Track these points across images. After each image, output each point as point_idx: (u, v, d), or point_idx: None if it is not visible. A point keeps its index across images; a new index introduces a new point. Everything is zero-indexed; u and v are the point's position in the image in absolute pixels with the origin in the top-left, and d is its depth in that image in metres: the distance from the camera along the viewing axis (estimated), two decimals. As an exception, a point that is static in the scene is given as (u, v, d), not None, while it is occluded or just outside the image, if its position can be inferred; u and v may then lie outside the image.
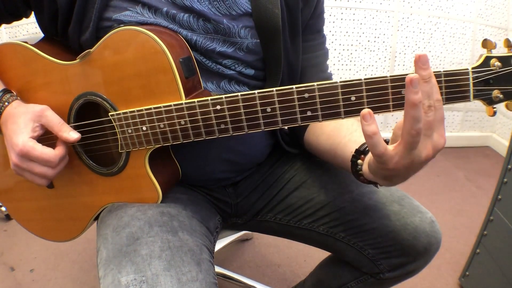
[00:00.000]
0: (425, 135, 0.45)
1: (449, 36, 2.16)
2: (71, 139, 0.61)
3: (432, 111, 0.44)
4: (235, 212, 0.82)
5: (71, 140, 0.61)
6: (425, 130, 0.44)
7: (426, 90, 0.44)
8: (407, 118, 0.44)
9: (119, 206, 0.65)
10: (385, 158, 0.46)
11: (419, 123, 0.43)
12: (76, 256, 1.39)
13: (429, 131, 0.45)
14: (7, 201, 0.77)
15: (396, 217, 0.70)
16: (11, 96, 0.63)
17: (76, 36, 0.63)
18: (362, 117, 0.45)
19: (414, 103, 0.42)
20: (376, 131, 0.44)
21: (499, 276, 1.06)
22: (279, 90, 0.52)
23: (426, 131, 0.45)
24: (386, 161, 0.47)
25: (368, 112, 0.44)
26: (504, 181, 1.05)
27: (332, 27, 2.04)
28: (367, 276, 0.77)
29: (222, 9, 0.63)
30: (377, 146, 0.45)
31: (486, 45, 0.48)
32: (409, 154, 0.45)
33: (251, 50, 0.66)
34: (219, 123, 0.55)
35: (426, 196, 1.82)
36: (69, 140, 0.61)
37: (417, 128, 0.43)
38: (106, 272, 0.55)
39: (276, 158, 0.83)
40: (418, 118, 0.43)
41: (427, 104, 0.44)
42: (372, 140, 0.45)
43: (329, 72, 0.79)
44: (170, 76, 0.56)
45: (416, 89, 0.42)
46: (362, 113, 0.45)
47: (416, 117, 0.43)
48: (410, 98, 0.42)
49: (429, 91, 0.44)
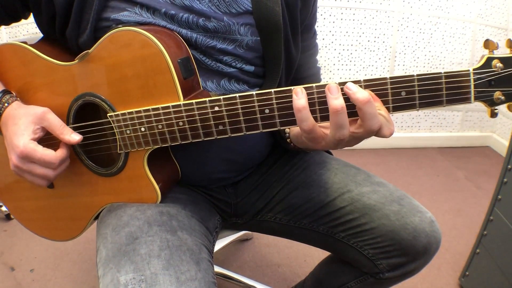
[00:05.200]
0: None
1: (449, 36, 2.15)
2: (73, 141, 0.61)
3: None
4: (235, 212, 0.82)
5: (73, 142, 0.61)
6: None
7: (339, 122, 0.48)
8: (331, 124, 0.49)
9: (118, 206, 0.65)
10: (313, 135, 0.50)
11: (343, 129, 0.48)
12: (76, 256, 1.39)
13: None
14: (8, 200, 0.78)
15: (395, 217, 0.70)
16: (11, 97, 0.63)
17: (74, 37, 0.63)
18: (293, 92, 0.49)
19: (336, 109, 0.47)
20: (305, 105, 0.48)
21: (499, 276, 1.06)
22: (277, 91, 0.51)
23: None
24: (315, 138, 0.51)
25: (300, 88, 0.49)
26: (504, 181, 1.05)
27: (332, 27, 2.04)
28: (367, 276, 0.77)
29: (222, 7, 0.63)
30: (305, 121, 0.49)
31: (488, 45, 0.48)
32: (334, 138, 0.50)
33: (251, 48, 0.66)
34: (217, 124, 0.55)
35: (426, 196, 1.82)
36: (71, 142, 0.61)
37: (341, 134, 0.48)
38: (105, 271, 0.55)
39: (276, 157, 0.83)
40: (342, 125, 0.48)
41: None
42: (300, 114, 0.48)
43: (318, 66, 0.82)
44: (168, 77, 0.56)
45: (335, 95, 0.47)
46: (294, 89, 0.49)
47: (340, 124, 0.48)
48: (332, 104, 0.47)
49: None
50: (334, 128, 0.48)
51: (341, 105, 0.47)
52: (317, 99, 0.50)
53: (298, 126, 0.49)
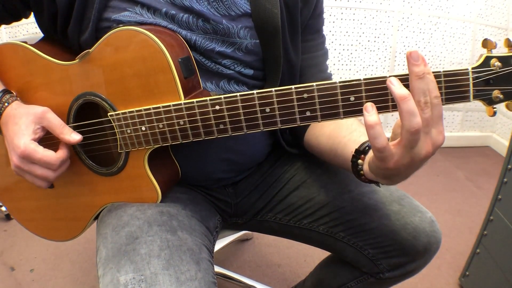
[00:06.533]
0: (423, 132, 0.45)
1: (449, 36, 2.16)
2: (73, 141, 0.61)
3: (428, 108, 0.44)
4: (235, 212, 0.82)
5: (73, 142, 0.61)
6: (423, 128, 0.44)
7: (421, 87, 0.44)
8: (402, 114, 0.44)
9: (118, 206, 0.65)
10: (386, 154, 0.46)
11: (416, 117, 0.43)
12: (76, 256, 1.39)
13: (427, 128, 0.45)
14: (8, 200, 0.78)
15: (396, 217, 0.70)
16: (11, 97, 0.63)
17: (76, 36, 0.63)
18: (364, 109, 0.46)
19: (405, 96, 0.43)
20: (378, 121, 0.45)
21: (499, 276, 1.06)
22: (278, 90, 0.51)
23: (424, 128, 0.45)
24: (387, 157, 0.46)
25: (370, 104, 0.46)
26: (504, 181, 1.05)
27: (332, 27, 2.04)
28: (367, 275, 0.77)
29: (221, 10, 0.63)
30: (378, 138, 0.45)
31: (487, 45, 0.48)
32: (408, 153, 0.45)
33: (250, 51, 0.66)
34: (218, 123, 0.55)
35: (426, 196, 1.82)
36: (71, 142, 0.61)
37: (415, 123, 0.43)
38: (105, 271, 0.55)
39: (276, 157, 0.83)
40: (412, 112, 0.43)
41: (423, 101, 0.44)
42: (373, 131, 0.45)
43: (328, 72, 0.79)
44: (169, 76, 0.56)
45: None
46: (364, 105, 0.46)
47: (410, 111, 0.43)
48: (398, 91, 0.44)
49: (424, 88, 0.44)
50: (406, 116, 0.44)
51: (406, 92, 0.44)
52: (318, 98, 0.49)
53: (370, 144, 0.47)
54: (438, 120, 0.46)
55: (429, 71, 0.45)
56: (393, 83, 0.44)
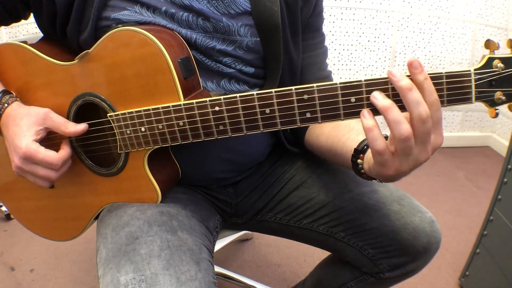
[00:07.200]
0: (423, 142, 0.46)
1: (449, 36, 2.15)
2: (79, 130, 0.61)
3: (428, 123, 0.45)
4: (235, 212, 0.82)
5: (79, 131, 0.61)
6: (423, 138, 0.46)
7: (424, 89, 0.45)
8: (389, 124, 0.45)
9: (118, 206, 0.65)
10: (386, 157, 0.47)
11: (403, 125, 0.45)
12: (76, 256, 1.39)
13: (428, 137, 0.46)
14: (8, 200, 0.78)
15: (396, 217, 0.70)
16: (11, 97, 0.63)
17: (75, 36, 0.63)
18: (361, 115, 0.47)
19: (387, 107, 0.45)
20: (375, 125, 0.46)
21: (499, 276, 1.06)
22: (278, 91, 0.51)
23: (425, 138, 0.46)
24: (387, 161, 0.47)
25: (367, 111, 0.47)
26: (504, 181, 1.05)
27: (332, 27, 2.04)
28: (367, 275, 0.77)
29: (221, 8, 0.63)
30: (376, 141, 0.46)
31: (489, 45, 0.47)
32: (406, 160, 0.47)
33: (250, 49, 0.66)
34: (217, 124, 0.55)
35: (426, 196, 1.82)
36: (77, 132, 0.61)
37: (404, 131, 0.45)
38: (105, 271, 0.55)
39: (276, 157, 0.83)
40: (399, 121, 0.45)
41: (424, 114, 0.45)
42: (372, 134, 0.46)
43: (328, 70, 0.79)
44: (168, 77, 0.56)
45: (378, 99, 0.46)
46: (361, 111, 0.48)
47: (396, 120, 0.45)
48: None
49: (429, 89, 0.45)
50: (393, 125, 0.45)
51: (389, 102, 0.46)
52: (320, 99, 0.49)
53: (370, 147, 0.47)
54: (438, 125, 0.47)
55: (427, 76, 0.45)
56: (376, 97, 0.46)
